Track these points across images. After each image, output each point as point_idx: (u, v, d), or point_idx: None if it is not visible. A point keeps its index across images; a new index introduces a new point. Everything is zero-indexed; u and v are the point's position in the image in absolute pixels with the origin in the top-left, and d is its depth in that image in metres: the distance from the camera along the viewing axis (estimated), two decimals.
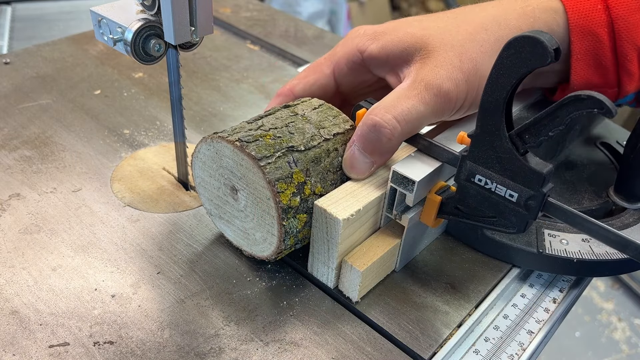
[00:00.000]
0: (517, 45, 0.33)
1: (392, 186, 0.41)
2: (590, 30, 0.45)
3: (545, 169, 0.36)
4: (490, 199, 0.39)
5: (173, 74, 0.47)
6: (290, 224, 0.39)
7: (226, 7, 0.93)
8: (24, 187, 0.51)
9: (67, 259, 0.44)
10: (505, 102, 0.35)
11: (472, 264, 0.47)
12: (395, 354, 0.39)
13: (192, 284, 0.43)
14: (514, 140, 0.36)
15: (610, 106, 0.31)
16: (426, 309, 0.43)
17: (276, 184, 0.38)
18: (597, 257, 0.44)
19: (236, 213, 0.43)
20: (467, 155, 0.39)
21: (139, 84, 0.68)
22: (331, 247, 0.40)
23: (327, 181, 0.41)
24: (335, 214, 0.38)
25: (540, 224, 0.47)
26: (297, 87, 0.49)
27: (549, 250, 0.45)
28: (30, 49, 0.73)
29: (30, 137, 0.57)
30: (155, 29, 0.43)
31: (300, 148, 0.40)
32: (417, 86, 0.41)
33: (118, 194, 0.51)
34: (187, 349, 0.38)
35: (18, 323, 0.39)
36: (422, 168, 0.41)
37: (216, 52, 0.78)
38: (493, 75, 0.35)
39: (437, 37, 0.43)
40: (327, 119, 0.44)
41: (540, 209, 0.37)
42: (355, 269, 0.40)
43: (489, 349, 0.41)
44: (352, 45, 0.46)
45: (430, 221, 0.42)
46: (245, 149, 0.38)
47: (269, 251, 0.42)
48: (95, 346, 0.38)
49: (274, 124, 0.41)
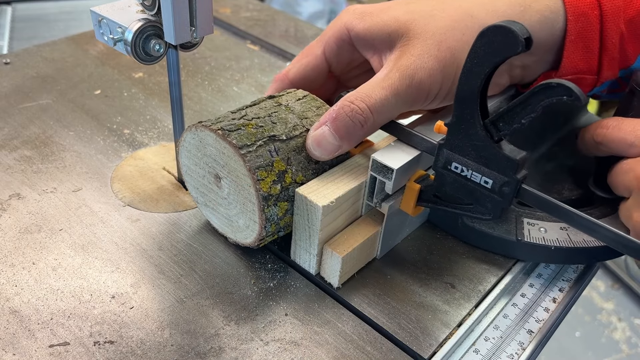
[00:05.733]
0: (490, 35, 0.34)
1: (372, 174, 0.42)
2: (582, 12, 0.46)
3: (519, 156, 0.37)
4: (466, 186, 0.40)
5: (173, 74, 0.47)
6: (271, 211, 0.40)
7: (226, 7, 0.93)
8: (24, 187, 0.51)
9: (67, 259, 0.44)
10: (480, 90, 0.36)
11: (472, 264, 0.47)
12: (395, 354, 0.39)
13: (192, 283, 0.43)
14: (488, 128, 0.37)
15: (579, 93, 0.32)
16: (426, 309, 0.43)
17: (256, 171, 0.39)
18: (575, 245, 0.45)
19: (220, 200, 0.44)
20: (443, 143, 0.40)
21: (139, 84, 0.68)
22: (312, 234, 0.41)
23: (309, 170, 0.42)
24: (316, 200, 0.39)
25: (520, 212, 0.48)
26: (291, 71, 0.49)
27: (527, 238, 0.46)
28: (30, 49, 0.73)
29: (30, 137, 0.57)
30: (156, 29, 0.43)
31: (282, 137, 0.41)
32: (392, 76, 0.42)
33: (118, 194, 0.51)
34: (187, 349, 0.38)
35: (18, 323, 0.39)
36: (401, 157, 0.42)
37: (216, 52, 0.78)
38: (467, 65, 0.36)
39: (421, 23, 0.43)
40: (310, 109, 0.45)
41: (514, 195, 0.38)
42: (335, 255, 0.41)
43: (488, 349, 0.41)
44: (341, 23, 0.47)
45: (409, 209, 0.43)
46: (227, 138, 0.39)
47: (251, 238, 0.43)
48: (95, 346, 0.38)
49: (257, 113, 0.42)
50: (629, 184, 0.43)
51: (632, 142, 0.44)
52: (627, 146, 0.44)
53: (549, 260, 0.48)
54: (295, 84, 0.49)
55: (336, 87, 0.53)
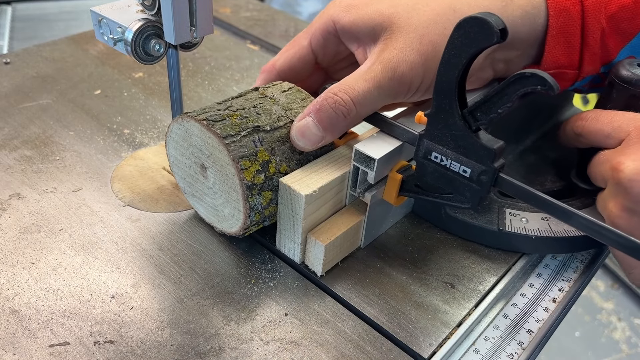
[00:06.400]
0: (467, 26, 0.35)
1: (355, 164, 0.43)
2: (564, 7, 0.46)
3: (496, 145, 0.38)
4: (446, 175, 0.40)
5: (173, 74, 0.47)
6: (255, 201, 0.41)
7: (226, 7, 0.93)
8: (24, 187, 0.51)
9: (67, 259, 0.44)
10: (458, 81, 0.37)
11: (472, 264, 0.47)
12: (395, 353, 0.39)
13: (192, 283, 0.43)
14: (466, 118, 0.38)
15: (552, 83, 0.33)
16: (426, 308, 0.43)
17: (240, 161, 0.40)
18: (555, 235, 0.46)
19: (206, 190, 0.45)
20: (424, 133, 0.41)
21: (139, 84, 0.68)
22: (296, 222, 0.42)
23: (293, 161, 0.43)
24: (299, 190, 0.40)
25: (502, 203, 0.49)
26: (278, 62, 0.50)
27: (508, 228, 0.47)
28: (31, 49, 0.73)
29: (30, 137, 0.57)
30: (156, 29, 0.43)
31: (266, 128, 0.42)
32: (375, 69, 0.42)
33: (118, 194, 0.51)
34: (187, 349, 0.38)
35: (18, 322, 0.39)
36: (383, 147, 0.42)
37: (216, 52, 0.78)
38: (445, 56, 0.36)
39: (404, 17, 0.43)
40: (295, 101, 0.45)
41: (491, 183, 0.39)
42: (319, 243, 0.42)
43: (488, 348, 0.41)
44: (328, 16, 0.47)
45: (392, 199, 0.44)
46: (211, 128, 0.40)
47: (236, 227, 0.43)
48: (95, 345, 0.38)
49: (242, 105, 0.43)
50: (605, 174, 0.43)
51: (608, 134, 0.45)
52: (604, 137, 0.45)
53: (530, 250, 0.48)
54: (282, 75, 0.50)
55: (324, 79, 0.53)
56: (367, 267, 0.46)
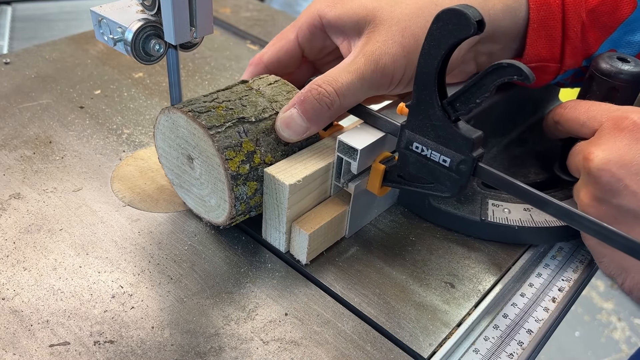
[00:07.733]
0: (445, 18, 0.35)
1: (339, 155, 0.44)
2: (544, 1, 0.47)
3: (474, 135, 0.38)
4: (427, 165, 0.41)
5: (173, 74, 0.47)
6: (240, 191, 0.42)
7: (226, 7, 0.93)
8: (24, 187, 0.51)
9: (67, 259, 0.44)
10: (437, 72, 0.37)
11: (472, 264, 0.47)
12: (395, 353, 0.39)
13: (192, 283, 0.43)
14: (446, 109, 0.39)
15: (528, 73, 0.34)
16: (426, 308, 0.43)
17: (225, 151, 0.41)
18: (537, 225, 0.47)
19: (193, 181, 0.46)
20: (405, 124, 0.41)
21: (139, 84, 0.68)
22: (281, 212, 0.43)
23: (278, 151, 0.44)
24: (283, 179, 0.41)
25: (486, 194, 0.50)
26: (265, 55, 0.51)
27: (491, 218, 0.48)
28: (30, 49, 0.73)
29: (30, 137, 0.57)
30: (155, 29, 0.43)
31: (251, 119, 0.43)
32: (358, 61, 0.43)
33: (118, 194, 0.51)
34: (187, 348, 0.38)
35: (18, 322, 0.39)
36: (366, 138, 0.43)
37: (216, 52, 0.78)
38: (425, 47, 0.37)
39: (387, 10, 0.44)
40: (280, 93, 0.46)
41: (470, 172, 0.39)
42: (303, 232, 0.43)
43: (488, 348, 0.41)
44: (314, 10, 0.48)
45: (375, 189, 0.45)
46: (197, 119, 0.41)
47: (222, 217, 0.44)
48: (95, 345, 0.38)
49: (228, 97, 0.44)
50: (578, 164, 0.44)
51: (583, 122, 0.45)
52: (579, 125, 0.46)
53: (512, 239, 0.49)
54: (270, 68, 0.51)
55: (311, 72, 0.54)
56: (367, 267, 0.46)
